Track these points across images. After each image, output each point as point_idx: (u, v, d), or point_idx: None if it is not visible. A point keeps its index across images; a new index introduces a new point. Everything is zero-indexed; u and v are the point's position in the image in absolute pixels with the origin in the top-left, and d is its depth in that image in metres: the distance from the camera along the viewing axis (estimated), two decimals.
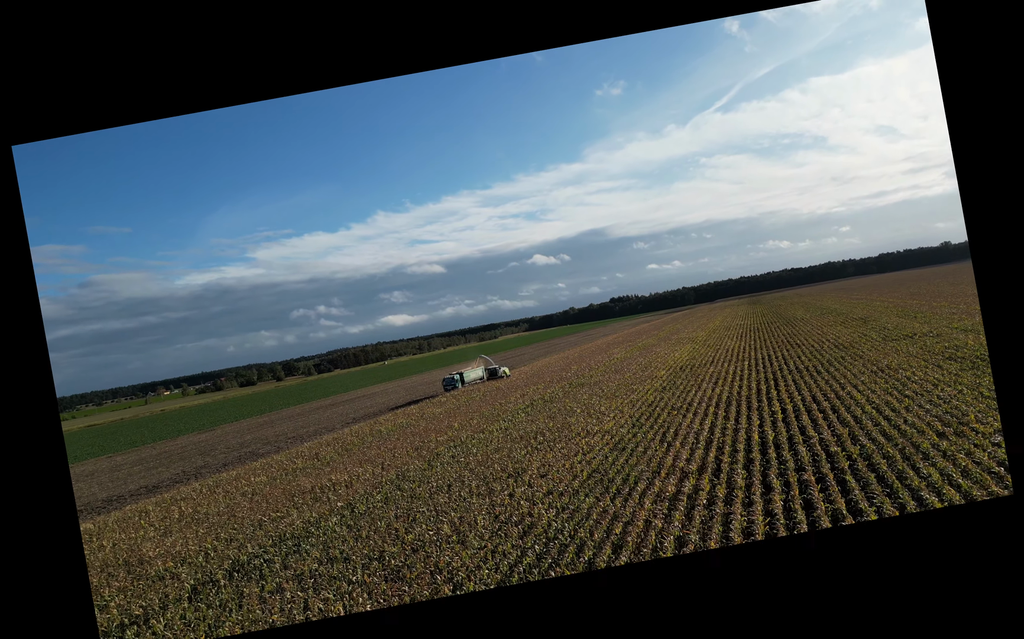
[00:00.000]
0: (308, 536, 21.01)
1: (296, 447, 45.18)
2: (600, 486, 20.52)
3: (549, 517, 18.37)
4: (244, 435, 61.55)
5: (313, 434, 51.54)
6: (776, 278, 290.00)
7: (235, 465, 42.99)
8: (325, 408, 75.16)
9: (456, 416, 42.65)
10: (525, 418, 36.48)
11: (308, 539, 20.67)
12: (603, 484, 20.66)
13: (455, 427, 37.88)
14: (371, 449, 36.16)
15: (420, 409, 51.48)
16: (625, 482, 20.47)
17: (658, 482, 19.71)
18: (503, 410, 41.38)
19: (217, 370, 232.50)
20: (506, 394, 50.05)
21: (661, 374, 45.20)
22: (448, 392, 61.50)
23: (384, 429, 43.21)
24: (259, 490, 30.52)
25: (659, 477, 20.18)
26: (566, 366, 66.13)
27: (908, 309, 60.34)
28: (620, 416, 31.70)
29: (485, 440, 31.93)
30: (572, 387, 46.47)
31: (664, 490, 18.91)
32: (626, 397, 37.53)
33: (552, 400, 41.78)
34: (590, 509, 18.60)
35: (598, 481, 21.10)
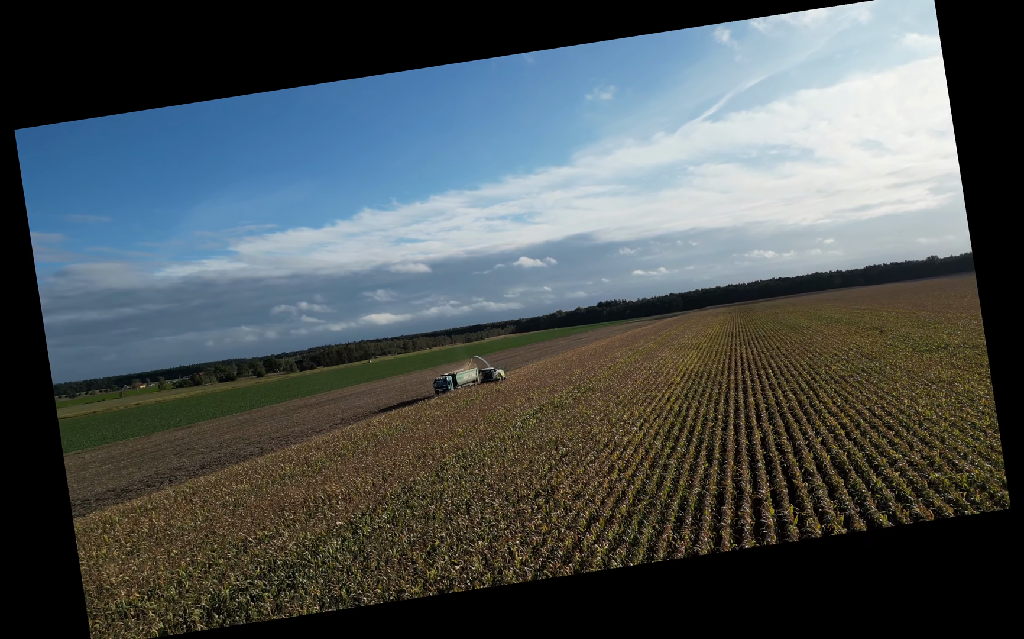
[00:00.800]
0: (304, 565, 17.53)
1: (282, 449, 41.49)
2: (655, 512, 17.28)
3: (602, 551, 15.11)
4: (223, 434, 57.59)
5: (299, 435, 47.84)
6: (763, 287, 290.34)
7: (214, 468, 39.23)
8: (310, 407, 71.29)
9: (458, 420, 39.25)
10: (538, 425, 33.18)
11: (304, 569, 17.19)
12: (657, 510, 17.43)
13: (459, 433, 34.49)
14: (367, 455, 32.66)
15: (416, 412, 47.97)
16: (684, 508, 17.27)
17: (728, 510, 16.53)
18: (509, 415, 38.04)
19: (195, 364, 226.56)
20: (508, 398, 46.73)
21: (676, 381, 42.17)
22: (440, 395, 57.53)
23: (380, 432, 39.67)
24: (242, 501, 26.91)
25: (726, 504, 17.01)
26: (567, 369, 62.94)
27: (923, 319, 57.98)
28: (648, 426, 28.54)
29: (498, 450, 28.60)
30: (582, 392, 43.25)
31: (740, 521, 15.74)
32: (647, 405, 34.40)
33: (563, 406, 38.53)
34: (653, 542, 15.37)
35: (649, 505, 17.87)
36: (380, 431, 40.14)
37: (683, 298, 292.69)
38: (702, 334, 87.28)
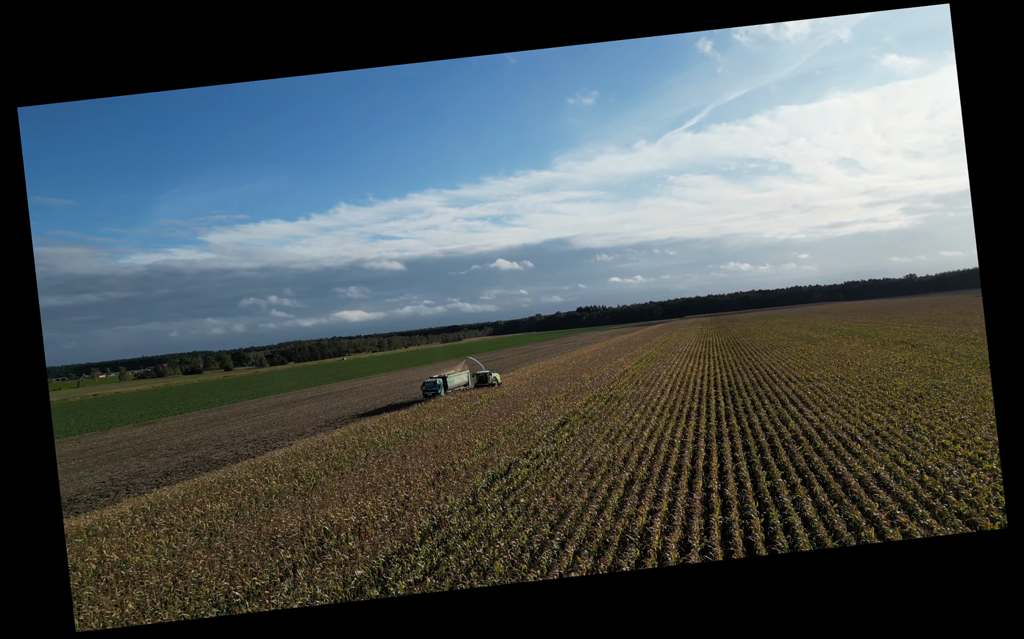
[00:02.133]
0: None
1: (261, 456, 35.84)
2: None
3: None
4: (191, 433, 51.41)
5: (279, 438, 42.13)
6: (743, 298, 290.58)
7: (181, 476, 33.42)
8: (287, 405, 65.26)
9: (468, 429, 34.04)
10: (572, 440, 28.21)
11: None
12: None
13: (478, 445, 29.32)
14: (370, 469, 27.31)
15: (414, 416, 42.56)
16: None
17: None
18: (531, 426, 32.99)
19: (159, 355, 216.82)
20: (518, 405, 41.64)
21: (710, 390, 37.60)
22: (429, 399, 51.49)
23: (377, 440, 34.24)
24: (220, 527, 21.41)
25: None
26: (571, 374, 58.05)
27: (952, 335, 54.56)
28: (722, 448, 23.82)
29: (539, 471, 23.56)
30: (607, 401, 38.35)
31: None
32: (696, 419, 29.71)
33: (591, 417, 33.61)
34: None
35: None
36: (378, 438, 34.70)
37: (663, 306, 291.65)
38: (701, 342, 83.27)
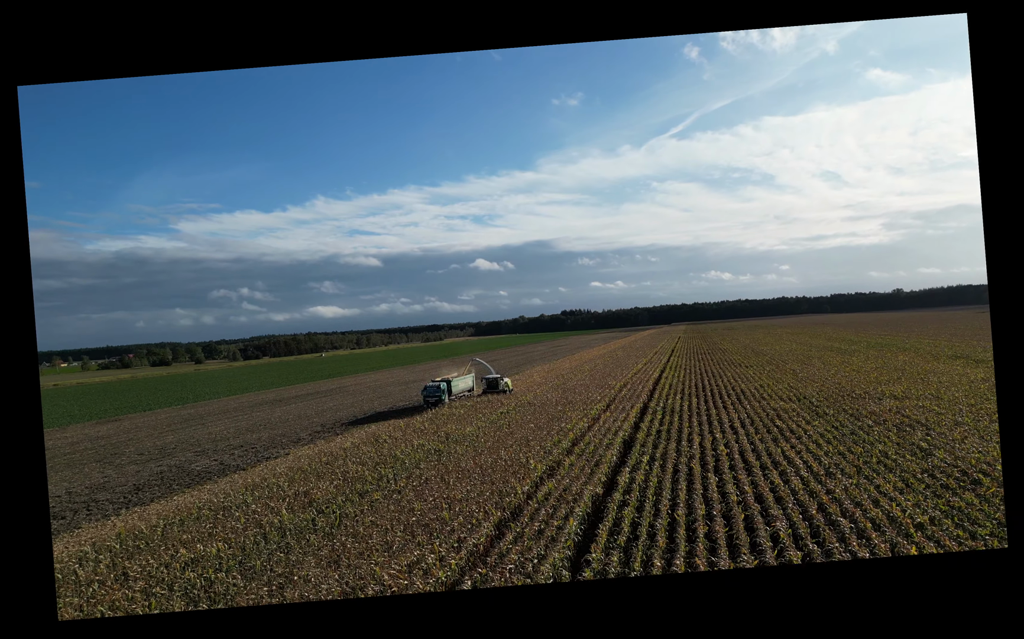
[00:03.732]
0: None
1: (255, 467, 29.68)
2: None
3: None
4: (163, 433, 44.71)
5: (272, 444, 35.89)
6: (730, 307, 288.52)
7: (156, 492, 27.14)
8: (271, 404, 58.69)
9: (510, 443, 28.28)
10: (663, 466, 22.67)
11: None
12: None
13: (536, 469, 23.63)
14: (405, 496, 21.42)
15: (433, 425, 36.57)
16: None
17: None
18: (590, 443, 27.36)
19: (124, 345, 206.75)
20: (552, 415, 35.94)
21: (792, 407, 32.44)
22: (431, 406, 43.87)
23: (401, 454, 28.26)
24: (219, 587, 15.39)
25: None
26: (595, 380, 52.52)
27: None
28: (886, 483, 18.53)
29: (651, 513, 17.95)
30: (665, 415, 32.91)
31: None
32: (816, 445, 24.43)
33: (669, 435, 28.13)
34: None
35: None
36: (400, 452, 28.72)
37: (649, 312, 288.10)
38: (714, 350, 78.50)
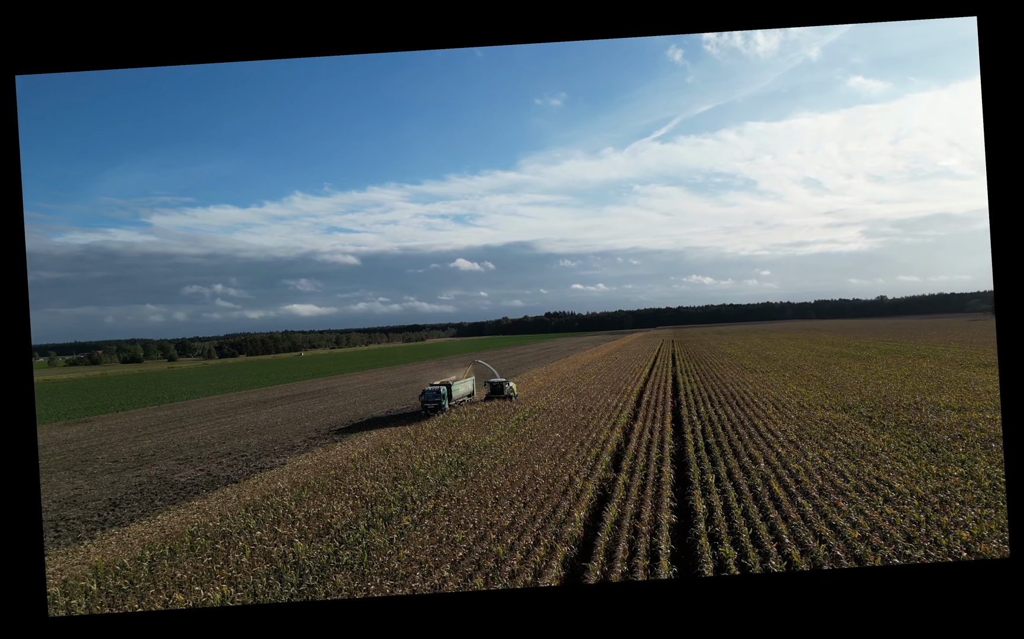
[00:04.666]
0: None
1: (249, 479, 26.08)
2: None
3: None
4: (140, 437, 40.65)
5: (263, 452, 32.21)
6: (715, 312, 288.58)
7: (136, 510, 23.43)
8: (255, 406, 54.74)
9: (541, 456, 25.06)
10: (732, 475, 19.67)
11: None
12: None
13: (587, 490, 20.46)
14: (439, 522, 18.11)
15: (445, 431, 33.19)
16: None
17: None
18: (635, 457, 24.29)
19: (93, 341, 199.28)
20: (576, 424, 32.80)
21: (840, 416, 29.70)
22: (431, 414, 39.73)
23: (420, 468, 24.85)
24: None
25: None
26: (607, 384, 49.48)
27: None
28: None
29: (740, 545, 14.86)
30: (705, 424, 29.94)
31: None
32: (900, 462, 21.61)
33: (727, 451, 25.15)
34: None
35: None
36: (419, 466, 25.29)
37: (633, 316, 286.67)
38: (714, 354, 76.12)
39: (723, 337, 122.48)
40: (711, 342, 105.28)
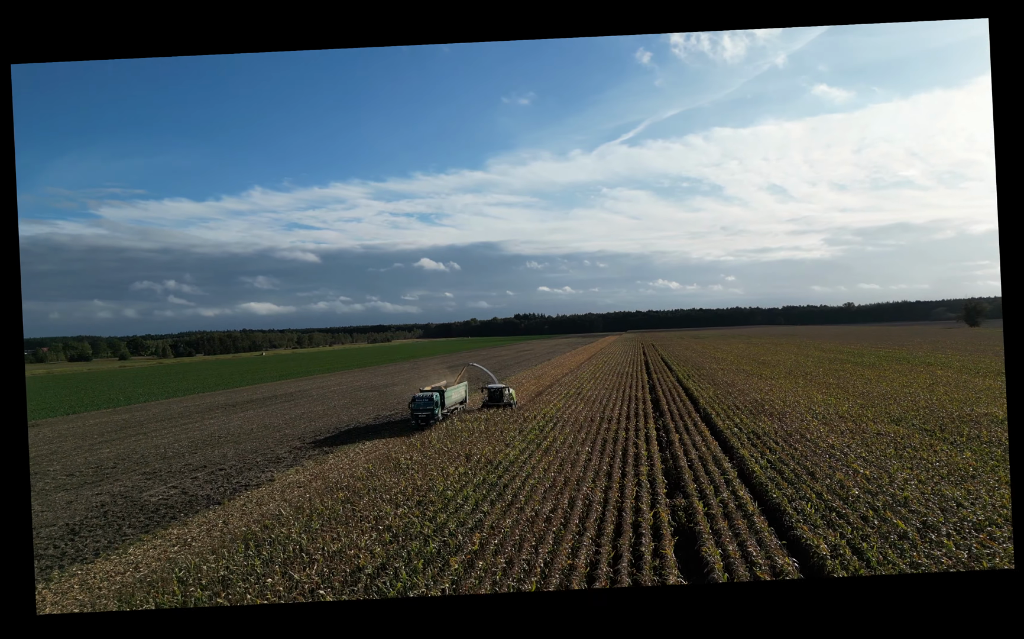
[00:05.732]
0: None
1: (236, 498, 22.01)
2: None
3: None
4: (96, 445, 35.81)
5: (244, 465, 27.96)
6: (685, 316, 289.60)
7: (102, 539, 19.18)
8: (224, 409, 50.01)
9: (583, 473, 21.68)
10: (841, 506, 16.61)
11: None
12: None
13: (662, 520, 17.12)
14: (524, 571, 14.57)
15: (456, 443, 29.46)
16: None
17: None
18: (698, 476, 21.07)
19: (37, 338, 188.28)
20: (607, 436, 29.48)
21: (905, 433, 27.11)
22: (423, 425, 34.96)
23: (448, 489, 21.20)
24: None
25: None
26: (608, 390, 46.40)
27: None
28: None
29: None
30: (746, 437, 26.94)
31: None
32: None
33: (794, 475, 22.15)
34: None
35: None
36: (440, 483, 21.62)
37: (603, 319, 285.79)
38: (710, 357, 74.02)
39: (703, 342, 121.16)
40: (695, 347, 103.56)
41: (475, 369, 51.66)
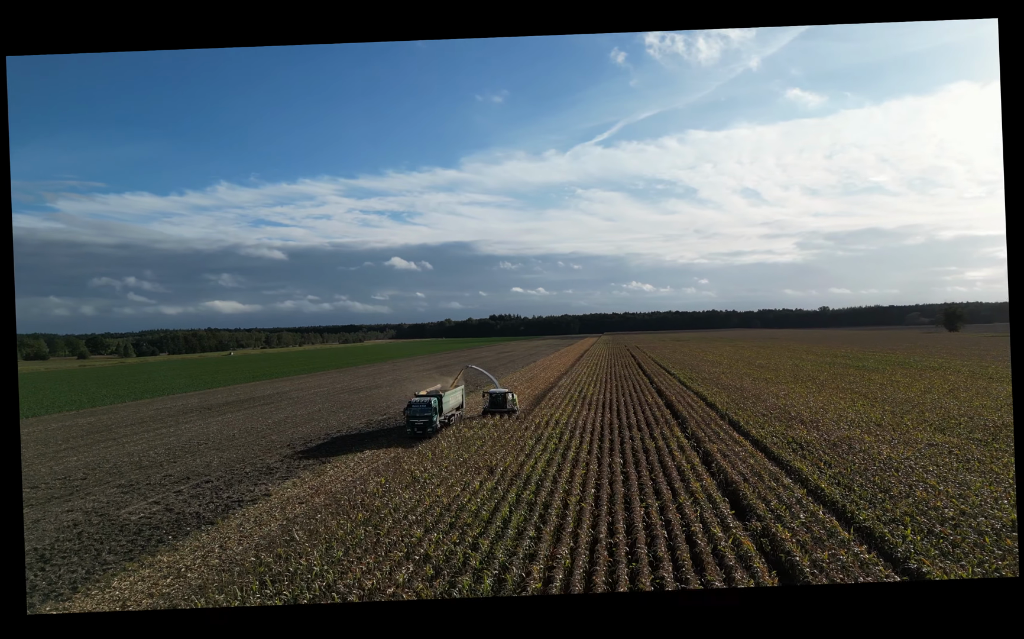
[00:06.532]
0: None
1: (227, 518, 19.19)
2: None
3: None
4: (62, 452, 32.31)
5: (233, 478, 24.97)
6: (661, 318, 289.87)
7: (79, 572, 16.19)
8: (198, 413, 46.55)
9: (642, 488, 19.40)
10: None
11: None
12: None
13: (747, 549, 14.93)
14: None
15: (476, 455, 26.89)
16: None
17: None
18: (769, 499, 18.94)
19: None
20: (636, 446, 27.22)
21: (957, 442, 25.43)
22: (419, 434, 31.61)
23: (490, 512, 18.69)
24: None
25: None
26: (616, 395, 44.26)
27: None
28: None
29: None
30: (798, 448, 24.96)
31: None
32: None
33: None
34: None
35: None
36: (469, 501, 19.07)
37: (580, 321, 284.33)
38: (703, 361, 72.59)
39: (686, 344, 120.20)
40: (681, 349, 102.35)
41: (474, 373, 48.72)
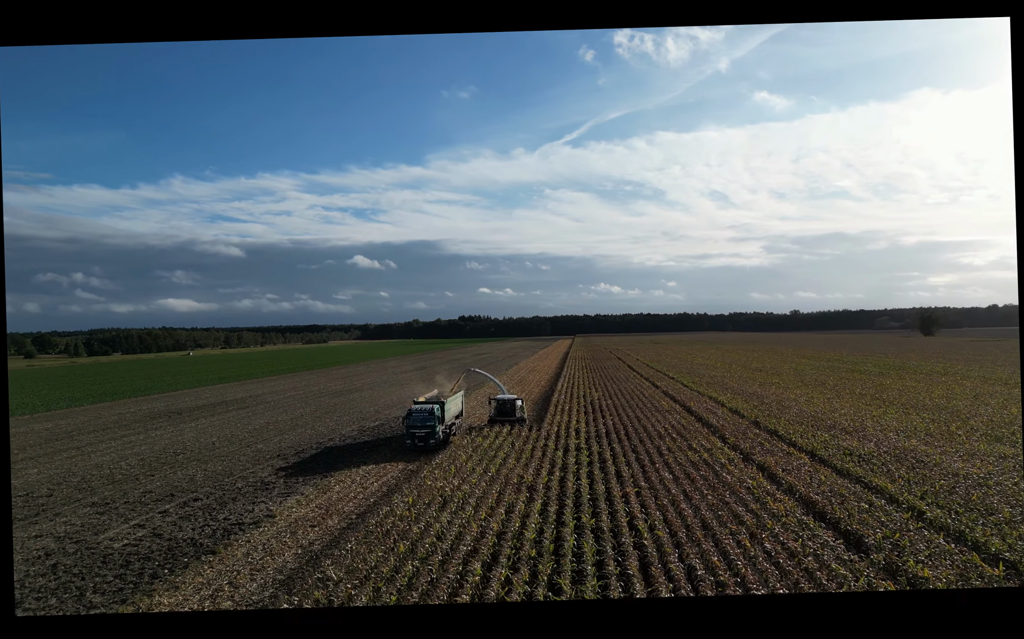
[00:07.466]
0: None
1: (229, 544, 16.08)
2: None
3: None
4: (20, 464, 28.37)
5: (225, 495, 21.76)
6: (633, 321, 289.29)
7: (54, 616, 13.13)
8: (170, 419, 42.67)
9: (714, 514, 17.03)
10: None
11: None
12: None
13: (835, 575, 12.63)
14: None
15: (500, 468, 24.14)
16: None
17: None
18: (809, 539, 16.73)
19: None
20: (683, 460, 24.89)
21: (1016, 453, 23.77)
22: (419, 444, 28.01)
23: (553, 542, 16.02)
24: None
25: None
26: (626, 400, 41.98)
27: None
28: None
29: None
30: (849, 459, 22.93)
31: None
32: None
33: None
34: None
35: None
36: (523, 525, 16.43)
37: (551, 322, 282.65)
38: (694, 364, 71.10)
39: (668, 347, 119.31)
40: (667, 352, 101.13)
41: (477, 377, 45.49)
